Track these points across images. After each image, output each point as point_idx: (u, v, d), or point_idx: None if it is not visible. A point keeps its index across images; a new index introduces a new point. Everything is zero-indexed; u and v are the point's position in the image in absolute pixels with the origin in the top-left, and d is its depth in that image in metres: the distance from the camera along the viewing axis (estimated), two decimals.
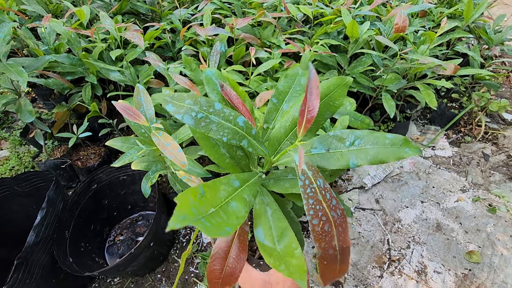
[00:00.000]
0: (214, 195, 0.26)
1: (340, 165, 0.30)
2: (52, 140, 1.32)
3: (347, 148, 0.31)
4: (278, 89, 0.41)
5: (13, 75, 0.89)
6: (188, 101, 0.29)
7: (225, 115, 0.31)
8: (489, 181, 1.41)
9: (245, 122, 0.32)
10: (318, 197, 0.26)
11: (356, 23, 1.05)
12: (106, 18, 1.06)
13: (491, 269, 1.08)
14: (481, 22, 1.52)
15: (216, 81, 0.39)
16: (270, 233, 0.31)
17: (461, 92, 1.62)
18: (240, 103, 0.37)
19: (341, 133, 0.31)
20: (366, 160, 0.29)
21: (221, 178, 0.29)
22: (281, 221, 0.32)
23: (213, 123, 0.30)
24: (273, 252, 0.29)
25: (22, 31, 1.19)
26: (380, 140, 0.30)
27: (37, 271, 0.82)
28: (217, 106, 0.30)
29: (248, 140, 0.32)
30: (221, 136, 0.30)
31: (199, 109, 0.29)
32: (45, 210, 0.85)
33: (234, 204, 0.27)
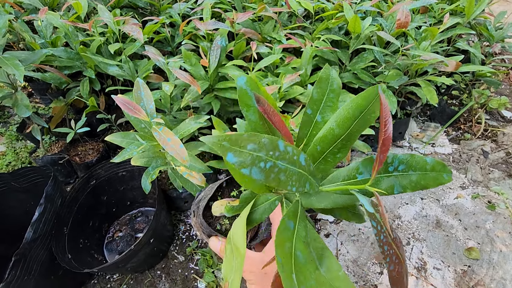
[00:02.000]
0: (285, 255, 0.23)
1: (385, 190, 0.28)
2: (49, 135, 1.30)
3: (390, 173, 0.29)
4: (312, 98, 0.36)
5: (9, 69, 0.88)
6: (251, 145, 0.22)
7: (289, 156, 0.24)
8: (489, 178, 1.41)
9: (306, 159, 0.26)
10: (389, 240, 0.23)
11: (359, 18, 1.04)
12: (104, 11, 1.04)
13: (490, 265, 1.08)
14: (482, 19, 1.52)
15: (251, 93, 0.32)
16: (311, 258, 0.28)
17: (461, 89, 1.62)
18: (279, 121, 0.31)
19: (387, 157, 0.29)
20: (410, 186, 0.28)
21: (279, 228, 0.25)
22: (317, 240, 0.29)
23: (281, 171, 0.23)
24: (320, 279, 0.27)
25: (18, 24, 1.17)
26: (421, 165, 0.28)
27: (35, 267, 0.81)
28: (281, 146, 0.24)
29: (309, 180, 0.26)
30: (290, 187, 0.24)
31: (267, 156, 0.23)
32: (43, 206, 0.84)
33: (299, 253, 0.24)
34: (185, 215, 1.26)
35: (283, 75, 0.90)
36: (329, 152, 0.32)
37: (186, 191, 1.12)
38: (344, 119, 0.31)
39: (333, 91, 0.36)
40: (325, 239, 1.17)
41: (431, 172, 0.28)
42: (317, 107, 0.35)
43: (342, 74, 1.19)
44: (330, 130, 0.31)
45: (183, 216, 1.26)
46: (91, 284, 1.04)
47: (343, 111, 0.31)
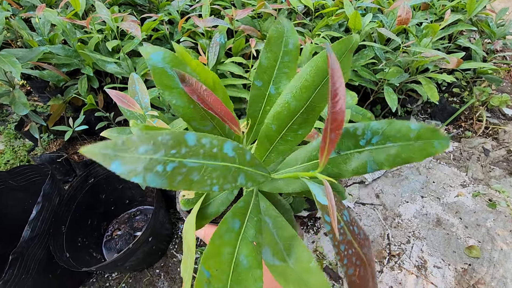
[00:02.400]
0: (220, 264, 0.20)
1: (354, 170, 0.24)
2: (47, 133, 1.29)
3: (362, 147, 0.24)
4: (260, 65, 0.29)
5: (6, 66, 0.87)
6: (144, 147, 0.18)
7: (205, 150, 0.20)
8: (489, 176, 1.40)
9: (235, 148, 0.21)
10: (348, 238, 0.20)
11: (359, 14, 1.03)
12: (102, 8, 1.03)
13: (490, 264, 1.08)
14: (484, 16, 1.50)
15: (172, 72, 0.25)
16: (277, 249, 0.25)
17: (462, 86, 1.61)
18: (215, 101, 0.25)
19: (354, 128, 0.24)
20: (387, 162, 0.23)
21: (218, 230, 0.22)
22: (285, 229, 0.26)
23: (194, 170, 0.19)
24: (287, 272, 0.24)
25: (15, 21, 1.16)
26: (403, 134, 0.23)
27: (33, 266, 0.80)
28: (190, 141, 0.19)
29: (244, 173, 0.22)
30: (209, 186, 0.20)
31: (166, 157, 0.18)
32: (41, 205, 0.83)
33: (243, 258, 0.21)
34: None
35: None
36: (287, 130, 0.26)
37: None
38: (302, 88, 0.25)
39: (289, 53, 0.29)
40: (324, 237, 1.17)
41: (417, 141, 0.22)
42: (268, 77, 0.29)
43: None
44: (285, 104, 0.26)
45: (182, 214, 1.25)
46: (90, 283, 1.04)
47: (300, 79, 0.26)
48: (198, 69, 0.28)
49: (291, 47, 0.29)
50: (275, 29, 0.29)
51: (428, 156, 0.22)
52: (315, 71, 0.25)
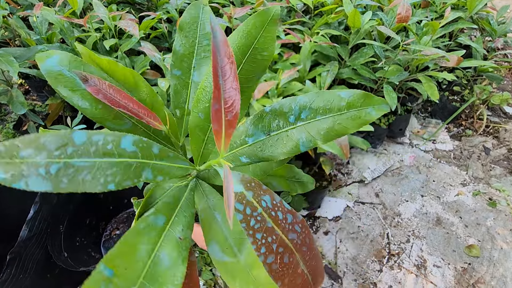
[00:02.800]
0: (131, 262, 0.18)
1: (287, 151, 0.22)
2: None
3: (292, 125, 0.22)
4: (176, 53, 0.27)
5: (3, 65, 0.86)
6: (26, 151, 0.17)
7: (98, 147, 0.19)
8: (490, 175, 1.39)
9: (136, 142, 0.20)
10: (267, 225, 0.19)
11: (358, 12, 1.02)
12: (99, 7, 1.03)
13: (490, 263, 1.07)
14: (485, 13, 1.49)
15: (70, 74, 0.24)
16: (227, 245, 0.24)
17: (463, 85, 1.60)
18: (125, 97, 0.24)
19: (281, 106, 0.23)
20: (319, 136, 0.21)
21: (136, 226, 0.21)
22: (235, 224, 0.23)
23: (83, 169, 0.18)
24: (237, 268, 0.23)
25: (13, 20, 1.15)
26: (333, 105, 0.21)
27: (31, 266, 0.80)
28: (78, 139, 0.18)
29: (151, 167, 0.21)
30: (103, 185, 0.18)
31: (48, 158, 0.17)
32: (38, 204, 0.83)
33: (165, 255, 0.20)
34: None
35: (281, 71, 0.89)
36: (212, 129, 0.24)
37: None
38: None
39: (207, 36, 0.27)
40: (324, 236, 1.17)
41: (349, 110, 0.21)
42: (188, 64, 0.27)
43: (341, 69, 1.17)
44: (208, 89, 0.25)
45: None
46: None
47: None
48: (112, 67, 0.27)
49: (208, 29, 0.27)
50: (187, 15, 0.27)
51: (363, 124, 0.21)
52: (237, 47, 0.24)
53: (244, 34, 0.24)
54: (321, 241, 1.15)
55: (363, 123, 0.21)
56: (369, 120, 0.21)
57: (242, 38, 0.24)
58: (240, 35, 0.24)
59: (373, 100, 0.21)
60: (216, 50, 0.17)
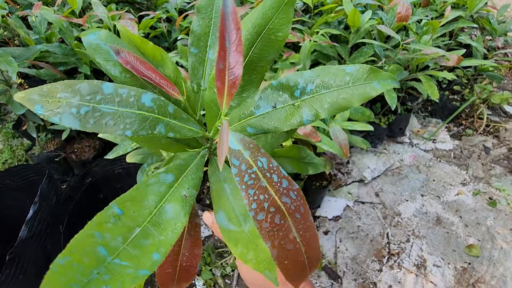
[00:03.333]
0: (140, 207, 0.21)
1: (292, 123, 0.23)
2: (45, 132, 1.29)
3: (297, 98, 0.24)
4: (193, 32, 0.29)
5: (2, 65, 0.86)
6: (64, 93, 0.21)
7: (122, 98, 0.22)
8: (490, 174, 1.39)
9: (154, 100, 0.23)
10: (261, 184, 0.20)
11: (358, 11, 1.02)
12: (99, 6, 1.02)
13: (490, 262, 1.07)
14: (485, 12, 1.49)
15: (106, 47, 0.28)
16: (233, 215, 0.25)
17: (463, 84, 1.60)
18: (149, 69, 0.27)
19: (287, 80, 0.24)
20: (323, 110, 0.22)
21: (147, 179, 0.23)
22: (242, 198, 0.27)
23: (107, 115, 0.21)
24: (241, 236, 0.24)
25: (12, 19, 1.15)
26: (338, 79, 0.22)
27: (30, 266, 0.80)
28: (106, 90, 0.22)
29: (164, 123, 0.23)
30: (122, 130, 0.21)
31: (81, 101, 0.21)
32: (38, 204, 0.83)
33: (170, 207, 0.22)
34: None
35: (280, 70, 0.89)
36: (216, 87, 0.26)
37: None
38: None
39: None
40: (323, 236, 1.16)
41: (354, 84, 0.22)
42: (204, 43, 0.29)
43: None
44: None
45: None
46: None
47: None
48: (143, 45, 0.31)
49: None
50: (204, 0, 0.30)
51: (367, 98, 0.21)
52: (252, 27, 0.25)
53: (260, 14, 0.26)
54: (321, 240, 1.15)
55: (367, 97, 0.22)
56: (373, 94, 0.22)
57: (258, 18, 0.26)
58: (256, 15, 0.26)
59: (379, 74, 0.22)
60: (225, 17, 0.19)
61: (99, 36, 0.28)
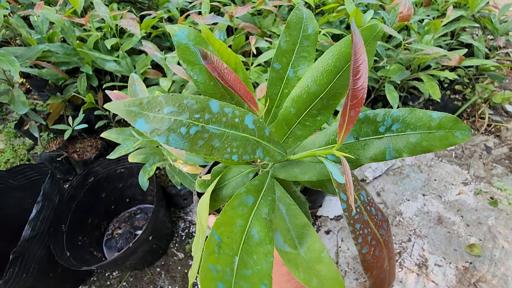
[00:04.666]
0: (231, 233, 0.21)
1: (372, 157, 0.24)
2: (47, 132, 1.29)
3: (382, 134, 0.24)
4: (280, 48, 0.29)
5: (4, 65, 0.86)
6: (169, 108, 0.18)
7: (228, 118, 0.20)
8: (491, 174, 1.39)
9: (255, 121, 0.22)
10: (364, 218, 0.20)
11: (360, 11, 1.02)
12: (100, 6, 1.02)
13: (492, 262, 1.07)
14: (487, 12, 1.49)
15: (194, 49, 0.26)
16: (289, 236, 0.25)
17: (464, 83, 1.60)
18: (235, 80, 0.26)
19: (374, 114, 0.24)
20: (406, 149, 0.23)
21: (231, 202, 0.22)
22: (298, 217, 0.26)
23: (215, 137, 0.20)
24: (298, 259, 0.24)
25: (14, 19, 1.15)
26: (424, 122, 0.23)
27: (33, 265, 0.80)
28: (214, 108, 0.20)
29: (263, 147, 0.23)
30: (229, 154, 0.20)
31: (190, 120, 0.19)
32: (41, 204, 0.83)
33: (255, 232, 0.21)
34: (184, 212, 1.25)
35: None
36: (306, 115, 0.26)
37: (185, 188, 1.12)
38: (323, 73, 0.25)
39: (308, 38, 0.29)
40: (325, 235, 1.17)
41: (438, 130, 0.22)
42: (287, 60, 0.29)
43: None
44: (305, 87, 0.26)
45: (182, 213, 1.25)
46: (91, 282, 1.04)
47: (322, 63, 0.25)
48: (221, 49, 0.30)
49: (310, 32, 0.29)
50: (295, 15, 0.29)
51: (449, 145, 0.22)
52: (337, 55, 0.25)
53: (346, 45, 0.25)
54: (322, 240, 1.15)
55: (449, 144, 0.22)
56: (455, 143, 0.22)
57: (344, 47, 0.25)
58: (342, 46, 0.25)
59: (461, 125, 0.23)
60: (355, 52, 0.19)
61: (188, 35, 0.26)
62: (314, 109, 0.26)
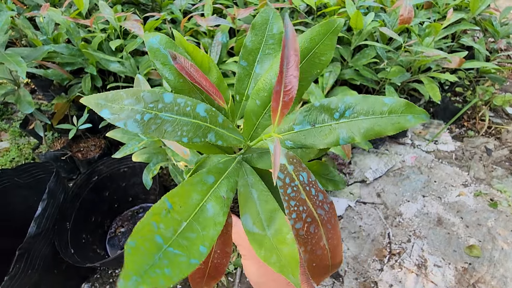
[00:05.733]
0: (185, 203, 0.23)
1: (328, 142, 0.25)
2: (52, 131, 1.31)
3: (336, 120, 0.25)
4: (246, 47, 0.32)
5: (11, 65, 0.88)
6: (129, 100, 0.23)
7: (180, 107, 0.24)
8: (491, 176, 1.40)
9: (207, 110, 0.26)
10: (301, 196, 0.22)
11: (361, 14, 1.03)
12: (105, 7, 1.04)
13: (491, 263, 1.08)
14: (488, 14, 1.49)
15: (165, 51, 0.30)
16: (258, 219, 0.27)
17: (465, 86, 1.60)
18: (201, 76, 0.29)
19: (329, 102, 0.26)
20: (359, 134, 0.24)
21: (191, 178, 0.25)
22: (269, 203, 0.28)
23: (167, 122, 0.23)
24: (264, 240, 0.26)
25: (20, 20, 1.17)
26: (376, 108, 0.24)
27: (38, 262, 0.82)
28: (167, 98, 0.24)
29: (215, 132, 0.26)
30: (179, 137, 0.24)
31: (144, 109, 0.23)
32: (46, 202, 0.85)
33: (210, 206, 0.23)
34: None
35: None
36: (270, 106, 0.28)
37: None
38: None
39: (273, 37, 0.31)
40: None
41: (390, 115, 0.24)
42: (253, 58, 0.32)
43: (343, 70, 1.18)
44: (268, 81, 0.28)
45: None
46: (94, 279, 1.06)
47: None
48: (194, 52, 0.33)
49: (275, 31, 0.32)
50: (260, 17, 0.32)
51: (401, 129, 0.24)
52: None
53: (308, 39, 0.28)
54: None
55: (400, 128, 0.24)
56: (407, 126, 0.24)
57: (306, 42, 0.28)
58: (304, 39, 0.28)
59: (414, 109, 0.24)
60: (286, 43, 0.20)
61: (160, 40, 0.30)
62: None
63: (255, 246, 0.26)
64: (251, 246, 0.29)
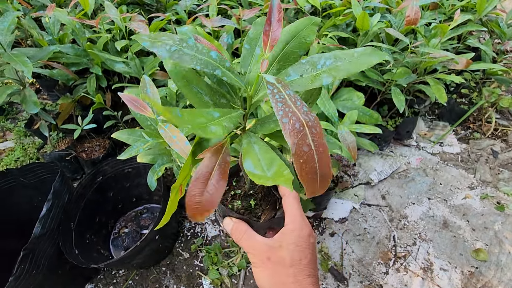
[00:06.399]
0: (192, 119, 0.27)
1: (313, 85, 0.31)
2: (56, 131, 1.31)
3: (319, 70, 0.32)
4: (249, 37, 0.42)
5: (17, 65, 0.88)
6: (164, 37, 0.32)
7: (198, 49, 0.32)
8: (498, 178, 1.38)
9: (218, 56, 0.33)
10: (287, 102, 0.26)
11: (367, 14, 1.02)
12: (111, 8, 1.04)
13: (498, 267, 1.07)
14: (494, 16, 1.48)
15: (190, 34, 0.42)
16: (259, 164, 0.32)
17: (471, 87, 1.59)
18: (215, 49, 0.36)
19: (312, 58, 0.33)
20: (338, 75, 0.31)
21: (201, 109, 0.30)
22: (269, 152, 0.33)
23: (186, 55, 0.31)
24: (264, 177, 0.30)
25: (26, 20, 1.18)
26: (349, 55, 0.32)
27: (43, 262, 0.82)
28: (190, 42, 0.32)
29: (222, 70, 0.33)
30: (194, 65, 0.31)
31: (173, 43, 0.31)
32: (51, 202, 0.85)
33: (213, 128, 0.29)
34: None
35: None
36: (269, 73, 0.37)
37: None
38: (278, 44, 0.37)
39: None
40: (330, 238, 1.17)
41: (360, 57, 0.31)
42: (254, 43, 0.41)
43: None
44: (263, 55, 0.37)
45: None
46: (98, 279, 1.06)
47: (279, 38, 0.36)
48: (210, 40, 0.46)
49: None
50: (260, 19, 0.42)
51: (369, 65, 0.31)
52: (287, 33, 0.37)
53: (294, 27, 0.38)
54: (327, 242, 1.16)
55: (369, 64, 0.31)
56: (373, 62, 0.31)
57: (292, 27, 0.38)
58: (291, 27, 0.38)
59: (379, 52, 0.32)
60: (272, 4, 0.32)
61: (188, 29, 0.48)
62: (274, 68, 0.37)
63: (255, 179, 0.30)
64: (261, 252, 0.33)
